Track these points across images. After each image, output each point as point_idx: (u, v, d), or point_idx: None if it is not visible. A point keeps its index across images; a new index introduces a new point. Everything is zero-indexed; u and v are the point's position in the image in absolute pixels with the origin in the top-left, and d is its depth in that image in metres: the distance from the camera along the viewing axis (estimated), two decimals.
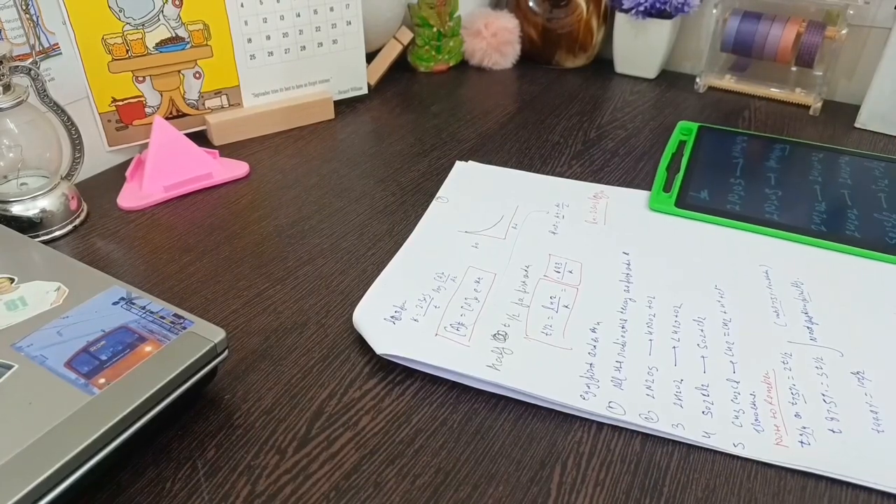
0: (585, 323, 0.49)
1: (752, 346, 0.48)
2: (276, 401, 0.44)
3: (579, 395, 0.43)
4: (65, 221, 0.59)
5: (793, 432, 0.42)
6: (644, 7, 0.83)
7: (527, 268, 0.55)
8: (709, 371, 0.46)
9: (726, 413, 0.43)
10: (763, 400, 0.44)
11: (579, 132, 0.77)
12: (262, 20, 0.73)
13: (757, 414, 0.43)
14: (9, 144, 0.57)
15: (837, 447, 0.41)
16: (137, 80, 0.68)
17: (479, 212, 0.62)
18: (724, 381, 0.45)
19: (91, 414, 0.36)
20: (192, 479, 0.39)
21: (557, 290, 0.52)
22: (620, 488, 0.39)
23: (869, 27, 0.80)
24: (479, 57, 0.93)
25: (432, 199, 0.64)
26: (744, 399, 0.44)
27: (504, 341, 0.47)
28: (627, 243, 0.58)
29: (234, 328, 0.49)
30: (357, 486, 0.38)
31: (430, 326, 0.48)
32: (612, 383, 0.44)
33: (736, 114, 0.81)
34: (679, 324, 0.49)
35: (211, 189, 0.66)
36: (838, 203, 0.62)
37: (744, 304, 0.51)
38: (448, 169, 0.69)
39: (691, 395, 0.44)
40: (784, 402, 0.44)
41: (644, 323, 0.50)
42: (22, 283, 0.44)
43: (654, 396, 0.44)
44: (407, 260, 0.55)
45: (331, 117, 0.79)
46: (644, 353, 0.47)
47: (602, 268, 0.55)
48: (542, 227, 0.60)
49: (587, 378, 0.45)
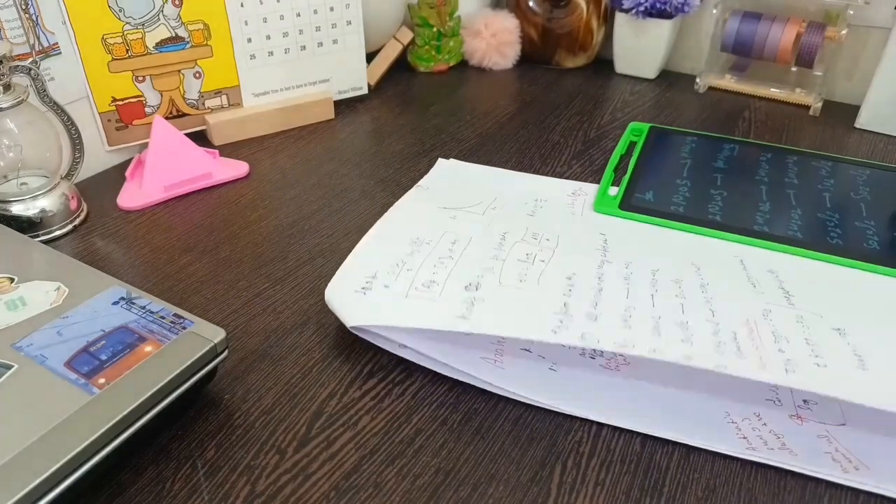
0: (561, 273, 0.49)
1: (731, 302, 0.47)
2: (276, 401, 0.44)
3: (550, 330, 0.42)
4: (65, 221, 0.59)
5: (777, 363, 0.41)
6: (644, 7, 0.83)
7: (504, 234, 0.54)
8: (688, 313, 0.45)
9: (707, 342, 0.42)
10: (744, 337, 0.43)
11: (579, 132, 0.77)
12: (262, 20, 0.73)
13: (739, 346, 0.42)
14: (9, 144, 0.57)
15: (823, 376, 0.40)
16: (137, 79, 0.68)
17: (458, 196, 0.61)
18: (705, 321, 0.44)
19: (91, 414, 0.36)
20: (192, 479, 0.39)
21: (534, 249, 0.52)
22: (620, 488, 0.39)
23: (869, 27, 0.80)
24: (479, 57, 0.93)
25: None
26: (725, 335, 0.43)
27: (476, 291, 0.46)
28: (604, 228, 0.58)
29: (234, 328, 0.49)
30: (357, 486, 0.38)
31: (401, 289, 0.47)
32: (586, 317, 0.43)
33: (736, 114, 0.81)
34: (657, 281, 0.49)
35: (211, 189, 0.66)
36: (783, 203, 0.61)
37: (720, 275, 0.51)
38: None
39: (671, 328, 0.43)
40: (767, 341, 0.43)
41: (621, 277, 0.49)
42: (22, 282, 0.44)
43: (631, 327, 0.42)
44: (381, 234, 0.54)
45: (331, 117, 0.79)
46: (622, 296, 0.46)
47: (578, 240, 0.55)
48: (519, 210, 0.59)
49: (560, 314, 0.43)
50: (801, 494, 0.38)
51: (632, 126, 0.75)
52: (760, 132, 0.77)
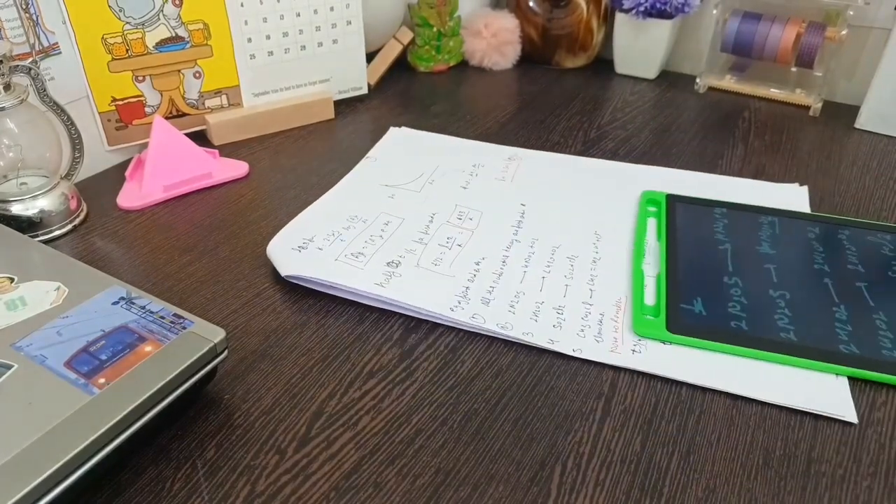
0: (471, 258, 0.55)
1: (612, 277, 0.54)
2: (276, 401, 0.44)
3: (449, 307, 0.50)
4: (64, 221, 0.59)
5: (628, 344, 0.48)
6: (644, 7, 0.83)
7: (433, 215, 0.60)
8: (568, 296, 0.52)
9: (574, 327, 0.49)
10: (610, 318, 0.50)
11: (579, 132, 0.77)
12: (262, 20, 0.73)
13: (601, 329, 0.49)
14: (9, 144, 0.57)
15: (669, 357, 0.47)
16: (137, 79, 0.68)
17: (401, 169, 0.67)
18: (580, 303, 0.51)
19: (91, 414, 0.36)
20: (191, 479, 0.39)
21: (455, 232, 0.58)
22: (620, 488, 0.39)
23: (869, 28, 0.80)
24: (479, 57, 0.93)
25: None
26: (593, 318, 0.50)
27: (396, 268, 0.53)
28: (526, 196, 0.64)
29: (234, 328, 0.49)
30: (357, 486, 0.38)
31: (331, 254, 0.55)
32: (480, 302, 0.51)
33: (736, 114, 0.81)
34: (553, 260, 0.56)
35: (211, 189, 0.66)
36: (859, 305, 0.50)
37: (617, 246, 0.57)
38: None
39: (548, 313, 0.50)
40: (629, 322, 0.49)
41: (523, 259, 0.56)
42: (22, 282, 0.44)
43: (514, 312, 0.50)
44: (325, 204, 0.62)
45: (331, 117, 0.79)
46: (516, 281, 0.53)
47: (498, 215, 0.61)
48: (455, 183, 0.66)
49: (460, 297, 0.51)
50: (801, 495, 0.38)
51: (645, 195, 0.63)
52: (760, 133, 0.77)
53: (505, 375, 0.46)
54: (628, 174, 0.68)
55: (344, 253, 0.55)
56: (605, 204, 0.63)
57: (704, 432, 0.42)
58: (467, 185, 0.65)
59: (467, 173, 0.67)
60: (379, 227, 0.58)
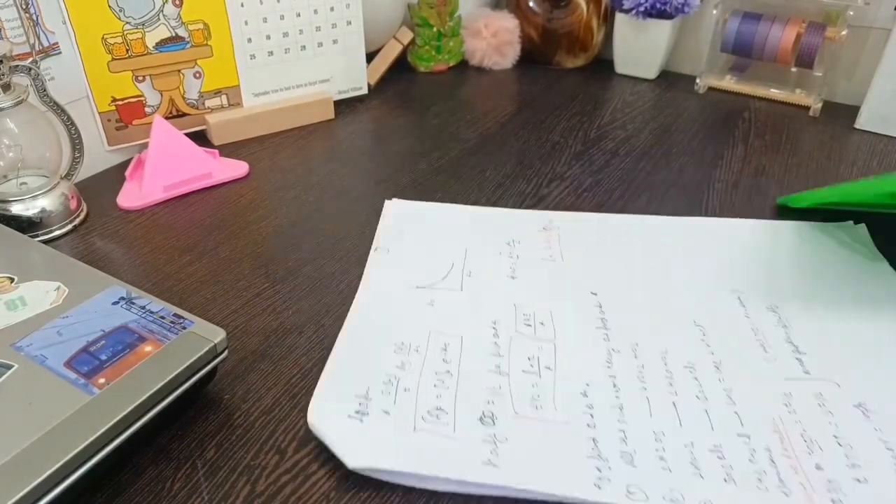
0: (574, 387, 0.44)
1: (749, 389, 0.44)
2: (275, 401, 0.44)
3: (593, 483, 0.37)
4: (64, 221, 0.59)
5: (821, 490, 0.37)
6: (644, 7, 0.83)
7: (495, 324, 0.48)
8: (716, 427, 0.41)
9: (749, 477, 0.38)
10: (780, 455, 0.40)
11: (579, 132, 0.77)
12: (262, 20, 0.73)
13: (778, 473, 0.38)
14: (9, 144, 0.57)
15: (869, 500, 0.37)
16: (137, 79, 0.68)
17: (425, 261, 0.55)
18: (736, 436, 0.41)
19: (91, 414, 0.36)
20: (192, 479, 0.39)
21: (534, 348, 0.46)
22: None
23: (869, 28, 0.80)
24: (479, 57, 0.93)
25: (432, 199, 0.64)
26: (760, 457, 0.39)
27: (493, 425, 0.40)
28: (592, 281, 0.53)
29: (234, 328, 0.49)
30: (357, 486, 0.38)
31: (405, 419, 0.41)
32: (622, 460, 0.39)
33: (736, 115, 0.81)
34: (671, 373, 0.45)
35: (211, 189, 0.66)
36: None
37: (728, 341, 0.47)
38: (448, 168, 0.69)
39: (708, 460, 0.39)
40: (801, 452, 0.40)
41: (635, 377, 0.44)
42: (22, 282, 0.44)
43: (670, 470, 0.38)
44: (358, 332, 0.48)
45: (331, 117, 0.79)
46: (645, 414, 0.42)
47: (574, 314, 0.50)
48: (498, 272, 0.54)
49: (595, 458, 0.39)
50: None
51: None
52: (760, 133, 0.77)
53: None
54: (679, 229, 0.59)
55: (419, 413, 0.41)
56: (683, 274, 0.53)
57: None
58: (514, 273, 0.53)
59: (506, 255, 0.55)
60: (439, 356, 0.45)
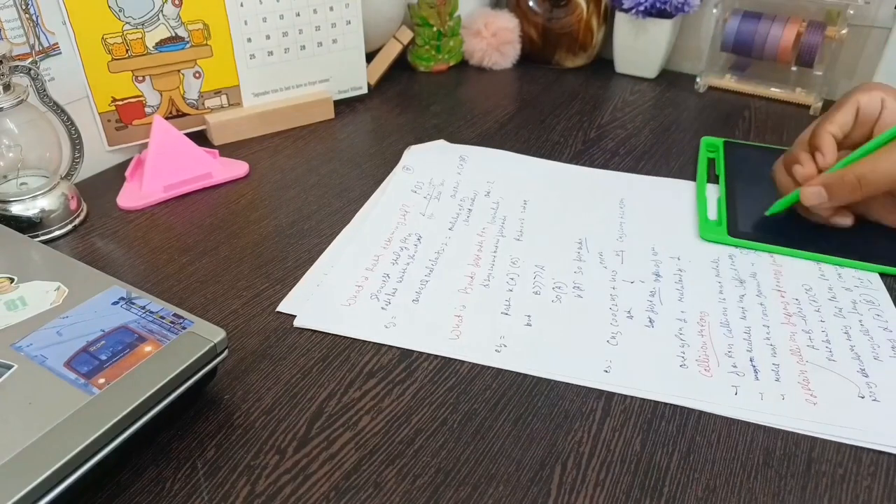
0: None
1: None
2: (275, 401, 0.44)
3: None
4: (64, 221, 0.59)
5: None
6: (644, 7, 0.83)
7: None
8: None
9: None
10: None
11: (579, 132, 0.77)
12: (262, 20, 0.73)
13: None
14: (8, 144, 0.57)
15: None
16: (137, 79, 0.68)
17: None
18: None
19: (91, 414, 0.36)
20: (191, 479, 0.39)
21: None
22: (620, 488, 0.39)
23: (869, 27, 0.80)
24: (479, 57, 0.93)
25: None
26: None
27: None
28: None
29: (233, 328, 0.49)
30: (357, 486, 0.38)
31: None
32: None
33: (736, 114, 0.81)
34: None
35: (211, 189, 0.66)
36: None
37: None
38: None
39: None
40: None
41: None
42: (22, 282, 0.44)
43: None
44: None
45: (331, 117, 0.79)
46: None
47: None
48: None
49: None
50: (801, 495, 0.38)
51: (705, 141, 0.73)
52: (761, 132, 0.77)
53: (504, 375, 0.46)
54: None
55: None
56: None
57: (705, 432, 0.42)
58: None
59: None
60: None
